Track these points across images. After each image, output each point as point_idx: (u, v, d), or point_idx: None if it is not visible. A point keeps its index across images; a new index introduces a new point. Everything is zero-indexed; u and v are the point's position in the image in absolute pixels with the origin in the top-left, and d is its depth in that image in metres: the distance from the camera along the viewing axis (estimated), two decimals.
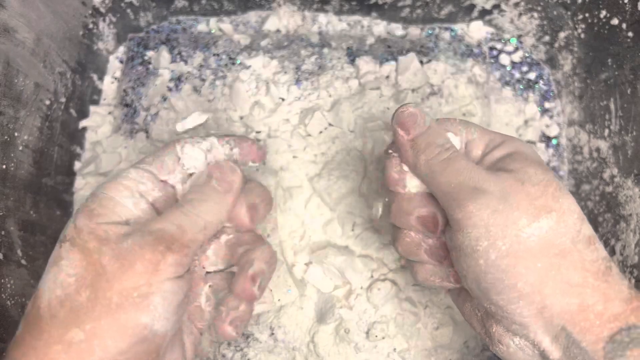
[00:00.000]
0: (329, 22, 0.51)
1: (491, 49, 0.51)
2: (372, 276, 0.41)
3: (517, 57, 0.51)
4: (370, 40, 0.50)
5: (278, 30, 0.51)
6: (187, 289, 0.27)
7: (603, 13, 0.42)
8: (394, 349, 0.40)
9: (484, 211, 0.26)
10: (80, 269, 0.24)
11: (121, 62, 0.51)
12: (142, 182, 0.28)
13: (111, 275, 0.24)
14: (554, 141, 0.48)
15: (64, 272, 0.24)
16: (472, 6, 0.50)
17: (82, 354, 0.23)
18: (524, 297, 0.26)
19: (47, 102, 0.42)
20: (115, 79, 0.50)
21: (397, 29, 0.52)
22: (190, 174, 0.30)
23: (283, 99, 0.46)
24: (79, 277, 0.24)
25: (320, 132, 0.45)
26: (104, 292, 0.24)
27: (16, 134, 0.39)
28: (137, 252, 0.25)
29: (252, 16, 0.52)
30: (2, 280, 0.36)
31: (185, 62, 0.49)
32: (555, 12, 0.47)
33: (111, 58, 0.51)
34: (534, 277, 0.26)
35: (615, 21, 0.41)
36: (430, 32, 0.52)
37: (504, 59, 0.51)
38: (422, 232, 0.31)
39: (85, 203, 0.27)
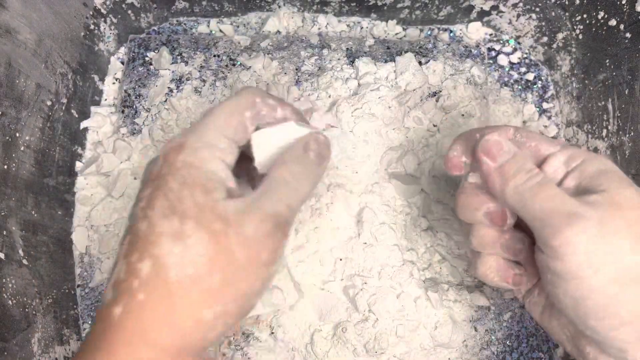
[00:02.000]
0: (329, 23, 0.52)
1: (489, 49, 0.51)
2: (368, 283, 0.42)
3: (515, 58, 0.51)
4: (370, 42, 0.50)
5: (278, 32, 0.51)
6: None
7: (601, 14, 0.43)
8: (394, 356, 0.40)
9: (583, 237, 0.26)
10: (210, 251, 0.25)
11: (122, 63, 0.51)
12: (231, 153, 0.28)
13: (240, 265, 0.25)
14: None
15: (193, 251, 0.24)
16: (471, 7, 0.50)
17: (208, 329, 0.25)
18: (626, 324, 0.26)
19: (49, 103, 0.42)
20: (117, 79, 0.50)
21: (396, 30, 0.52)
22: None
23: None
24: (210, 259, 0.25)
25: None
26: (235, 279, 0.25)
27: (18, 135, 0.39)
28: (262, 241, 0.26)
29: (253, 17, 0.52)
30: (4, 280, 0.36)
31: (186, 63, 0.49)
32: (553, 13, 0.47)
33: (112, 59, 0.51)
34: (632, 304, 0.26)
35: (613, 22, 0.41)
36: (429, 33, 0.53)
37: (503, 60, 0.51)
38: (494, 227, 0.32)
39: (193, 174, 0.26)
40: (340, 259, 0.42)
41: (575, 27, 0.46)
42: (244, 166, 0.31)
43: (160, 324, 0.24)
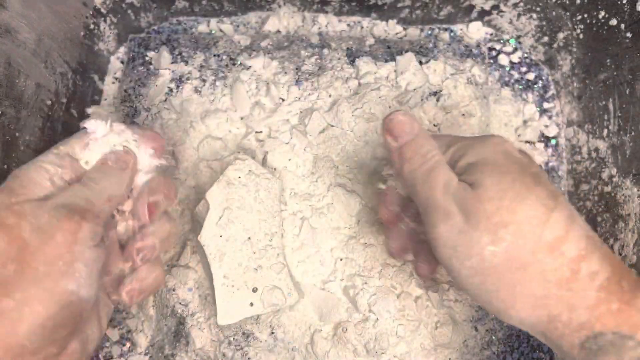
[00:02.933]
0: (329, 22, 0.52)
1: (490, 49, 0.51)
2: (368, 282, 0.42)
3: (516, 57, 0.51)
4: (370, 41, 0.50)
5: (278, 31, 0.51)
6: (104, 258, 0.30)
7: (602, 14, 0.42)
8: (394, 356, 0.40)
9: (452, 232, 0.28)
10: (2, 244, 0.26)
11: (122, 62, 0.51)
12: (60, 165, 0.30)
13: (34, 248, 0.26)
14: (552, 141, 0.49)
15: None
16: (471, 7, 0.50)
17: (14, 321, 0.25)
18: (501, 313, 0.27)
19: (48, 103, 0.42)
20: (116, 79, 0.50)
21: (397, 30, 0.52)
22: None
23: (283, 100, 0.47)
24: (2, 251, 0.25)
25: (320, 132, 0.45)
26: (29, 263, 0.26)
27: (17, 134, 0.39)
28: (55, 224, 0.27)
29: (253, 17, 0.52)
30: None
31: (186, 62, 0.49)
32: (554, 13, 0.47)
33: (112, 58, 0.51)
34: (504, 293, 0.27)
35: (613, 22, 0.41)
36: (429, 32, 0.52)
37: (503, 60, 0.51)
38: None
39: (5, 183, 0.29)
40: (341, 259, 0.42)
41: (576, 26, 0.46)
42: None
43: None
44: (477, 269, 0.27)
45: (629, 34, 0.40)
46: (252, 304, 0.37)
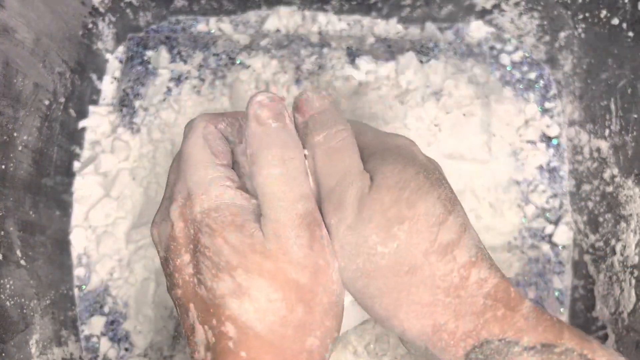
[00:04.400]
0: (329, 21, 0.51)
1: (491, 48, 0.51)
2: None
3: (517, 57, 0.51)
4: (370, 40, 0.49)
5: (278, 30, 0.51)
6: None
7: (603, 13, 0.42)
8: (395, 358, 0.40)
9: (341, 227, 0.25)
10: (277, 292, 0.24)
11: (120, 62, 0.50)
12: (231, 175, 0.26)
13: (310, 285, 0.24)
14: (554, 141, 0.48)
15: (262, 301, 0.23)
16: (473, 6, 0.50)
17: (322, 351, 0.25)
18: (384, 321, 0.25)
19: (47, 102, 0.42)
20: (115, 78, 0.50)
21: (397, 29, 0.52)
22: None
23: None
24: (282, 298, 0.24)
25: None
26: (314, 300, 0.24)
27: (15, 134, 0.38)
28: (310, 254, 0.24)
29: (252, 16, 0.52)
30: (2, 281, 0.36)
31: (185, 62, 0.49)
32: (555, 12, 0.47)
33: (111, 58, 0.51)
34: (387, 300, 0.25)
35: (615, 21, 0.41)
36: (430, 31, 0.52)
37: (504, 59, 0.51)
38: None
39: (217, 218, 0.24)
40: None
41: (577, 25, 0.46)
42: None
43: None
44: (362, 271, 0.25)
45: (630, 33, 0.40)
46: None
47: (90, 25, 0.48)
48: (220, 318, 0.24)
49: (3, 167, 0.37)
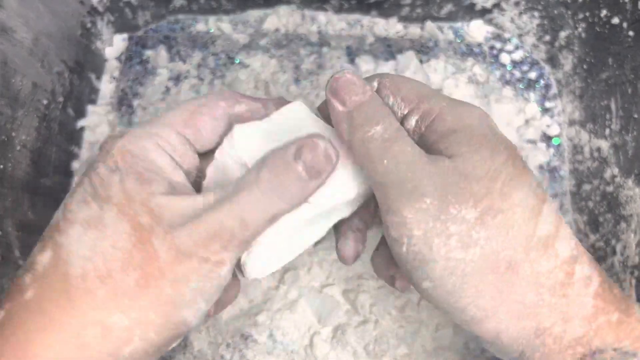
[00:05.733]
0: (329, 21, 0.51)
1: (491, 48, 0.51)
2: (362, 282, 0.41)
3: (517, 56, 0.51)
4: (370, 39, 0.49)
5: (277, 30, 0.51)
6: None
7: (604, 12, 0.42)
8: (395, 358, 0.40)
9: (422, 219, 0.22)
10: (128, 244, 0.21)
11: (119, 61, 0.50)
12: (182, 150, 0.24)
13: (164, 264, 0.21)
14: (554, 141, 0.48)
15: (107, 243, 0.21)
16: (472, 5, 0.49)
17: (121, 342, 0.21)
18: (476, 323, 0.22)
19: (45, 102, 0.42)
20: (114, 78, 0.50)
21: (397, 28, 0.51)
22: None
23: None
24: (126, 253, 0.21)
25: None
26: (156, 280, 0.21)
27: (13, 134, 0.38)
28: (192, 248, 0.21)
29: (251, 15, 0.52)
30: (0, 281, 0.36)
31: (184, 61, 0.48)
32: (555, 11, 0.47)
33: (109, 57, 0.51)
34: (484, 300, 0.22)
35: (616, 20, 0.41)
36: (430, 31, 0.52)
37: (505, 58, 0.50)
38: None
39: (128, 161, 0.22)
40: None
41: (577, 25, 0.45)
42: None
43: (51, 331, 0.20)
44: (452, 269, 0.22)
45: (631, 33, 0.40)
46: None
47: (89, 25, 0.47)
48: (46, 242, 0.22)
49: (1, 167, 0.37)
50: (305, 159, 0.22)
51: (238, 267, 0.26)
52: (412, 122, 0.25)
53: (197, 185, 0.27)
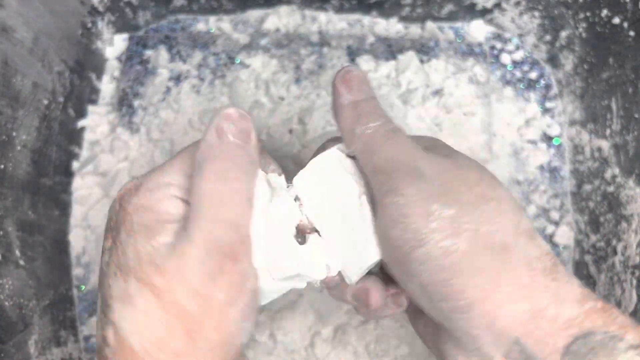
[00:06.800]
0: (329, 21, 0.51)
1: (492, 48, 0.51)
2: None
3: (518, 56, 0.51)
4: (371, 39, 0.49)
5: (278, 29, 0.51)
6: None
7: (604, 12, 0.42)
8: (396, 358, 0.40)
9: (423, 196, 0.23)
10: (161, 311, 0.22)
11: (120, 61, 0.50)
12: (176, 190, 0.25)
13: (198, 316, 0.22)
14: (555, 141, 0.48)
15: (144, 314, 0.22)
16: (473, 5, 0.49)
17: None
18: (474, 306, 0.22)
19: (45, 102, 0.42)
20: (114, 78, 0.50)
21: (398, 28, 0.51)
22: None
23: (283, 99, 0.46)
24: (164, 319, 0.22)
25: (320, 131, 0.45)
26: (200, 333, 0.22)
27: (14, 134, 0.38)
28: (209, 284, 0.22)
29: (252, 15, 0.52)
30: (1, 281, 0.36)
31: (184, 61, 0.48)
32: (556, 11, 0.47)
33: (110, 57, 0.51)
34: (483, 279, 0.22)
35: (616, 20, 0.41)
36: (430, 31, 0.52)
37: (505, 58, 0.50)
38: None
39: (143, 218, 0.23)
40: None
41: (578, 25, 0.45)
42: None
43: None
44: (449, 247, 0.22)
45: (632, 33, 0.40)
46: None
47: (89, 25, 0.47)
48: (105, 320, 0.22)
49: (2, 166, 0.37)
50: (226, 128, 0.23)
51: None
52: None
53: None
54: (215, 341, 0.22)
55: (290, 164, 0.44)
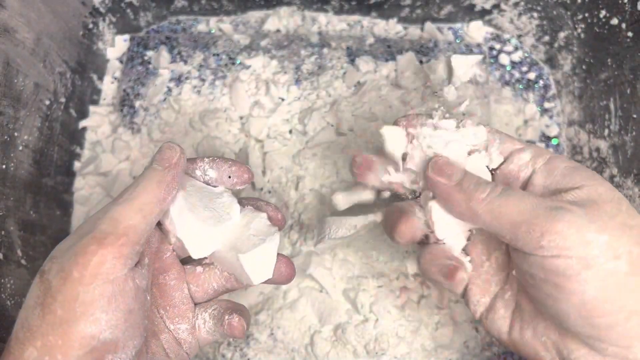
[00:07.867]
0: (329, 22, 0.51)
1: (491, 48, 0.51)
2: (362, 283, 0.41)
3: (516, 57, 0.51)
4: (370, 40, 0.50)
5: (278, 30, 0.51)
6: (143, 285, 0.26)
7: (603, 13, 0.42)
8: (395, 357, 0.40)
9: (576, 230, 0.25)
10: (36, 290, 0.24)
11: (121, 62, 0.51)
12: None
13: (55, 289, 0.24)
14: (553, 141, 0.48)
15: (27, 298, 0.25)
16: (472, 6, 0.50)
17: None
18: (633, 315, 0.25)
19: (47, 102, 0.42)
20: (115, 79, 0.50)
21: (397, 29, 0.52)
22: None
23: (283, 99, 0.46)
24: (35, 297, 0.24)
25: (320, 131, 0.45)
26: (50, 307, 0.24)
27: (16, 134, 0.38)
28: (72, 259, 0.24)
29: (252, 16, 0.52)
30: (2, 280, 0.36)
31: (185, 62, 0.49)
32: (554, 12, 0.47)
33: (111, 58, 0.51)
34: (631, 301, 0.25)
35: (614, 21, 0.41)
36: (430, 32, 0.52)
37: (504, 59, 0.51)
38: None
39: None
40: (340, 260, 0.42)
41: (576, 26, 0.46)
42: None
43: None
44: (615, 270, 0.25)
45: (630, 33, 0.40)
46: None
47: (90, 26, 0.48)
48: None
49: (4, 166, 0.37)
50: (155, 158, 0.28)
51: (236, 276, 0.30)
52: (520, 161, 0.30)
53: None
54: (59, 318, 0.24)
55: (290, 164, 0.44)
